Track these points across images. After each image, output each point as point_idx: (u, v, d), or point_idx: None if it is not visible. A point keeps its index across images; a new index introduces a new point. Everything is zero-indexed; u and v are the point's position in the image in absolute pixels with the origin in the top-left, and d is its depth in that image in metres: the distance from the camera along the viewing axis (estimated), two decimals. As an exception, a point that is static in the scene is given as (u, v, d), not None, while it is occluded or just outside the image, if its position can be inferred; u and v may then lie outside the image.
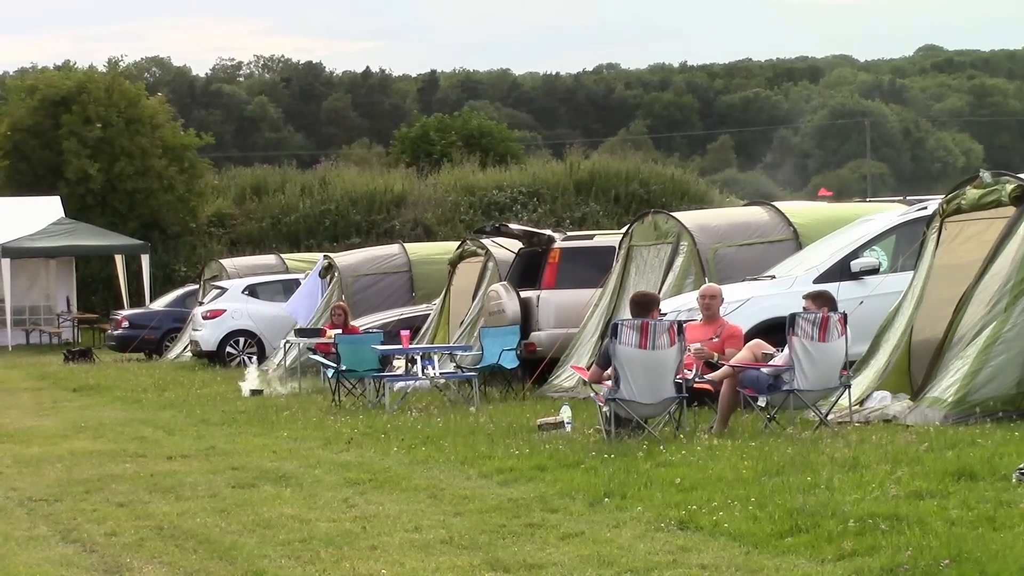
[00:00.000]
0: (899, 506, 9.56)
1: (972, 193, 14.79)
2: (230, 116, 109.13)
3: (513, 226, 23.68)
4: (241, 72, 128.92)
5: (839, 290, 16.22)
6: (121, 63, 55.03)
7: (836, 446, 12.31)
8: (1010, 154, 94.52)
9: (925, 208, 17.23)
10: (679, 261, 19.19)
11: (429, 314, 25.17)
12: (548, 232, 22.85)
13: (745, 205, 26.22)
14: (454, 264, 24.76)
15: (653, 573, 8.45)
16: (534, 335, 20.93)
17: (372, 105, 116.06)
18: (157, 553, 9.88)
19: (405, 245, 30.12)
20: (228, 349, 29.70)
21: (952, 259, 14.91)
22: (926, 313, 14.82)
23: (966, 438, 12.16)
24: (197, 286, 35.11)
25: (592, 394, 15.12)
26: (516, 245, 22.76)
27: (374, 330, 23.15)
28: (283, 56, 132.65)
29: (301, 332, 25.01)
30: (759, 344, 14.77)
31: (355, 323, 23.77)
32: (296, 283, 29.78)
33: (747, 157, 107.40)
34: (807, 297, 14.84)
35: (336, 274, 28.09)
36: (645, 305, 14.73)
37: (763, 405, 14.51)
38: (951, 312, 14.27)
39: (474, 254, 23.98)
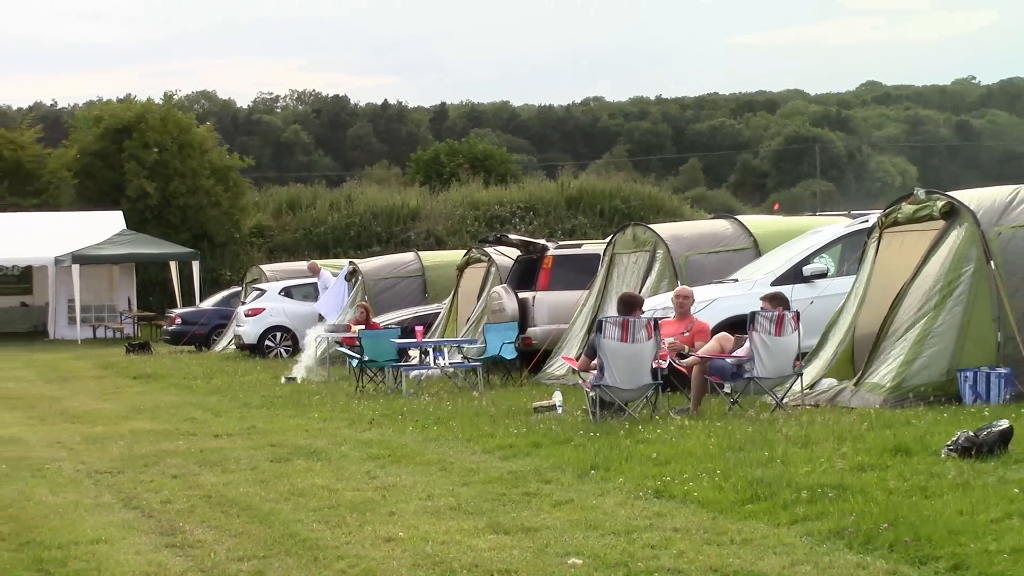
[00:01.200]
0: (844, 478, 9.57)
1: (907, 208, 14.81)
2: (268, 142, 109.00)
3: (512, 236, 23.66)
4: (278, 104, 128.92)
5: (793, 292, 16.19)
6: (175, 96, 54.87)
7: (790, 426, 12.32)
8: (940, 174, 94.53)
9: (867, 221, 17.23)
10: (655, 266, 19.18)
11: (440, 312, 25.15)
12: (542, 241, 22.85)
13: (712, 218, 26.21)
14: (461, 269, 24.75)
15: (632, 535, 8.45)
16: (530, 330, 20.91)
17: (390, 132, 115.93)
18: (206, 518, 9.90)
19: (419, 253, 30.14)
20: (267, 342, 29.69)
21: (889, 265, 14.92)
22: (867, 312, 14.84)
23: (901, 419, 12.17)
24: (240, 288, 35.05)
25: (580, 381, 15.13)
26: (515, 253, 22.75)
27: (392, 326, 23.14)
28: (314, 90, 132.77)
29: (330, 328, 25.00)
30: (726, 336, 14.77)
31: (376, 320, 23.77)
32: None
33: (714, 177, 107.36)
34: (764, 298, 14.84)
35: (360, 278, 28.10)
36: (631, 304, 14.77)
37: (728, 391, 14.52)
38: (888, 310, 14.29)
39: (478, 260, 23.97)
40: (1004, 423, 10.36)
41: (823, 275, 17.28)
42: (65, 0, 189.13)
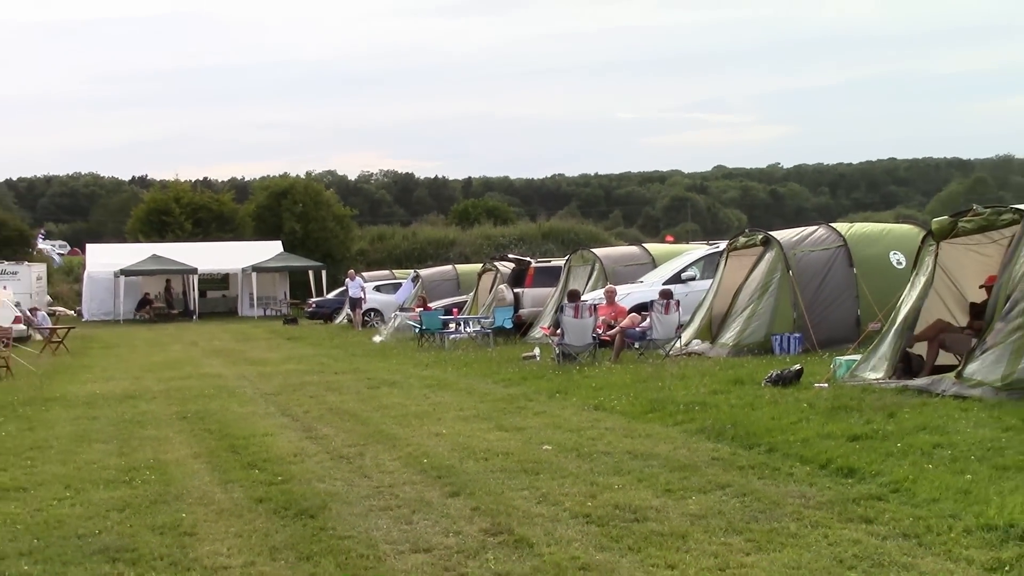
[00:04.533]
0: (706, 398, 9.58)
1: (742, 239, 14.82)
2: (367, 200, 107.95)
3: (510, 256, 23.62)
4: (372, 177, 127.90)
5: (675, 289, 16.22)
6: (312, 173, 54.83)
7: (673, 368, 12.33)
8: (761, 221, 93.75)
9: (718, 247, 17.25)
10: (595, 273, 19.20)
11: (467, 300, 25.11)
12: (528, 259, 22.81)
13: (627, 245, 26.15)
14: (480, 275, 24.64)
15: (581, 432, 8.45)
16: (521, 311, 20.86)
17: (439, 194, 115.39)
18: (330, 422, 9.88)
19: (455, 265, 30.10)
20: (365, 319, 29.56)
21: (731, 273, 14.92)
22: (719, 300, 14.82)
23: (738, 364, 12.19)
24: (350, 286, 34.96)
25: (550, 341, 15.11)
26: (511, 265, 22.73)
27: (439, 308, 23.10)
28: (394, 169, 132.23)
29: (402, 309, 24.94)
30: (636, 315, 14.80)
31: (430, 304, 23.71)
32: (399, 285, 29.71)
33: (630, 221, 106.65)
34: (659, 293, 14.84)
35: (420, 280, 28.06)
36: (573, 295, 14.81)
37: (637, 347, 14.53)
38: (731, 299, 14.31)
39: (490, 269, 23.86)
40: (798, 366, 10.41)
41: (693, 279, 17.28)
42: (247, 117, 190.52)
